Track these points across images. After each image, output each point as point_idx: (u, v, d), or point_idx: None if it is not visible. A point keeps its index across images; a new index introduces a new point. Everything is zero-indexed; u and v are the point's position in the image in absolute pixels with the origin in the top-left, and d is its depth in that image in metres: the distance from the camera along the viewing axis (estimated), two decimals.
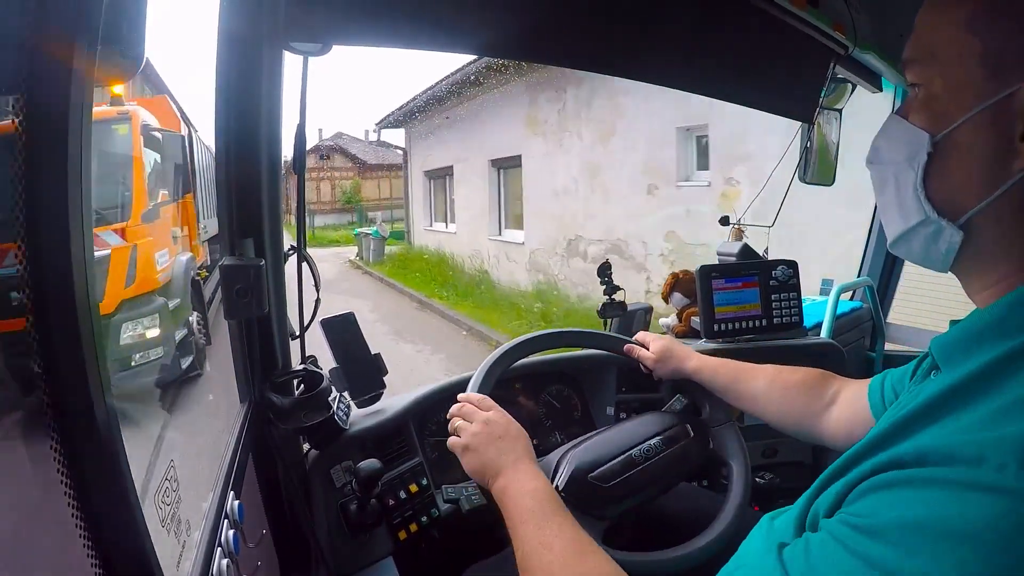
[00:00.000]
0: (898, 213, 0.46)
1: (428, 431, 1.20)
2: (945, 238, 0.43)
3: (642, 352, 1.07)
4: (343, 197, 26.44)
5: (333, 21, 0.88)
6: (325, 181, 26.72)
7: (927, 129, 0.44)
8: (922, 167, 0.44)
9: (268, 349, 0.99)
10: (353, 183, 26.80)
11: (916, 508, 0.33)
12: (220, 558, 0.66)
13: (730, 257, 1.62)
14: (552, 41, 1.08)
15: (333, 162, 26.74)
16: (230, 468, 0.79)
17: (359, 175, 27.18)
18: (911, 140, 0.44)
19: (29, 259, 0.41)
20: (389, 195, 26.12)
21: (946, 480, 0.32)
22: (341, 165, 26.56)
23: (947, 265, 0.45)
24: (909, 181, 0.44)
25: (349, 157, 26.87)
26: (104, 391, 0.46)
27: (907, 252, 0.48)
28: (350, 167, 26.87)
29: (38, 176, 0.41)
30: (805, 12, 1.21)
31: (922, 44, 0.45)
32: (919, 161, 0.44)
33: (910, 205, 0.45)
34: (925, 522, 0.32)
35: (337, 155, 26.63)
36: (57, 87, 0.41)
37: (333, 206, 26.22)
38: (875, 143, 0.50)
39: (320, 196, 26.45)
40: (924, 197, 0.44)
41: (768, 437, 1.47)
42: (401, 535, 1.07)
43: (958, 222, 0.42)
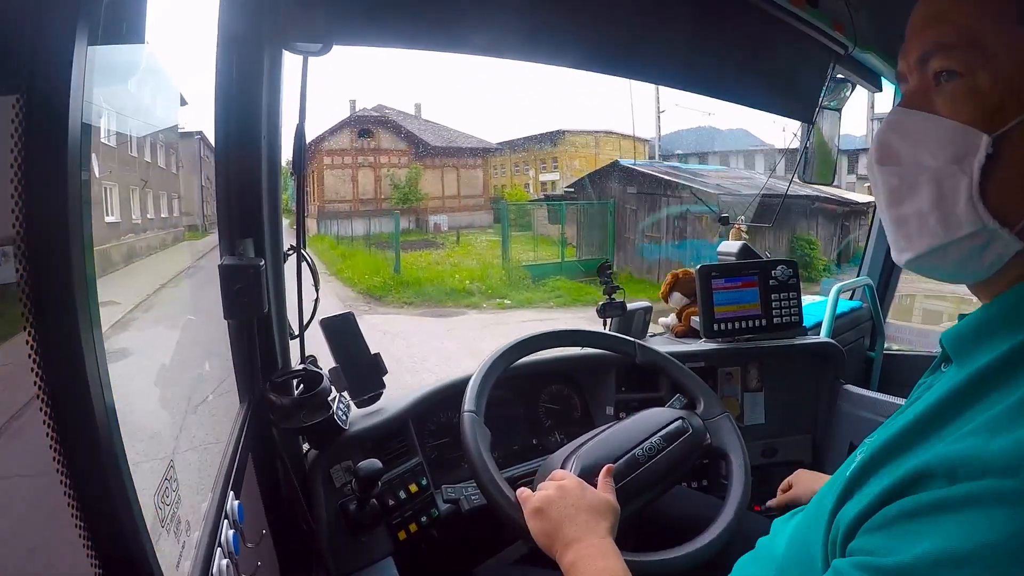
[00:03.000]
0: (937, 223, 0.40)
1: (428, 431, 1.20)
2: (997, 249, 0.39)
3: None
4: (396, 194, 18.53)
5: (333, 21, 0.88)
6: (366, 169, 19.25)
7: (979, 126, 0.38)
8: (980, 170, 0.38)
9: (268, 349, 0.99)
10: (412, 172, 18.87)
11: (952, 537, 0.31)
12: (220, 558, 0.66)
13: (730, 257, 1.62)
14: (552, 41, 1.08)
15: (378, 142, 19.13)
16: (230, 468, 0.79)
17: (416, 162, 19.08)
18: (957, 139, 0.39)
19: (29, 259, 0.41)
20: (456, 192, 18.93)
21: (980, 497, 0.31)
22: (391, 147, 19.14)
23: (983, 276, 0.41)
24: (960, 187, 0.39)
25: (403, 136, 19.28)
26: (104, 391, 0.46)
27: (933, 268, 0.43)
28: (403, 150, 19.22)
29: (38, 176, 0.41)
30: (805, 12, 1.21)
31: (961, 32, 0.40)
32: (976, 162, 0.38)
33: (960, 214, 0.39)
34: (962, 551, 0.31)
35: (384, 132, 19.35)
36: (57, 87, 0.41)
37: (377, 205, 18.66)
38: (885, 140, 0.44)
39: (358, 190, 19.13)
40: (982, 204, 0.38)
41: (768, 437, 1.47)
42: (401, 535, 1.07)
43: (1016, 229, 0.38)
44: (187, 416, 1.08)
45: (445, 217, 17.86)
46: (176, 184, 1.84)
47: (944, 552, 0.31)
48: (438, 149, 18.92)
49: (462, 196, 20.33)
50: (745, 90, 1.41)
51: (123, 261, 1.20)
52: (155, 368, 1.00)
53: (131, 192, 1.40)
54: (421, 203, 18.64)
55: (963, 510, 0.32)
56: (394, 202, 18.63)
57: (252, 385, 0.96)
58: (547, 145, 25.35)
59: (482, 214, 19.98)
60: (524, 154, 24.33)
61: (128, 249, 1.32)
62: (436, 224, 17.77)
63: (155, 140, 1.50)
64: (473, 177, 20.39)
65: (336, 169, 19.14)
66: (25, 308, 0.41)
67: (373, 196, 19.27)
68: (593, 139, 26.80)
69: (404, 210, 17.70)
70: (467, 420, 0.92)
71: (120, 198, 1.21)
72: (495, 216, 19.54)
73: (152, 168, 1.56)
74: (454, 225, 18.24)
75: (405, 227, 17.30)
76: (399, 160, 19.30)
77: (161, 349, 1.12)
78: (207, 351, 1.04)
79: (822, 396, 1.50)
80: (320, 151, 19.02)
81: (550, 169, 26.47)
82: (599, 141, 26.83)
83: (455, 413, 1.15)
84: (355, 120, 19.33)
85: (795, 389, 1.50)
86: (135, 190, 1.42)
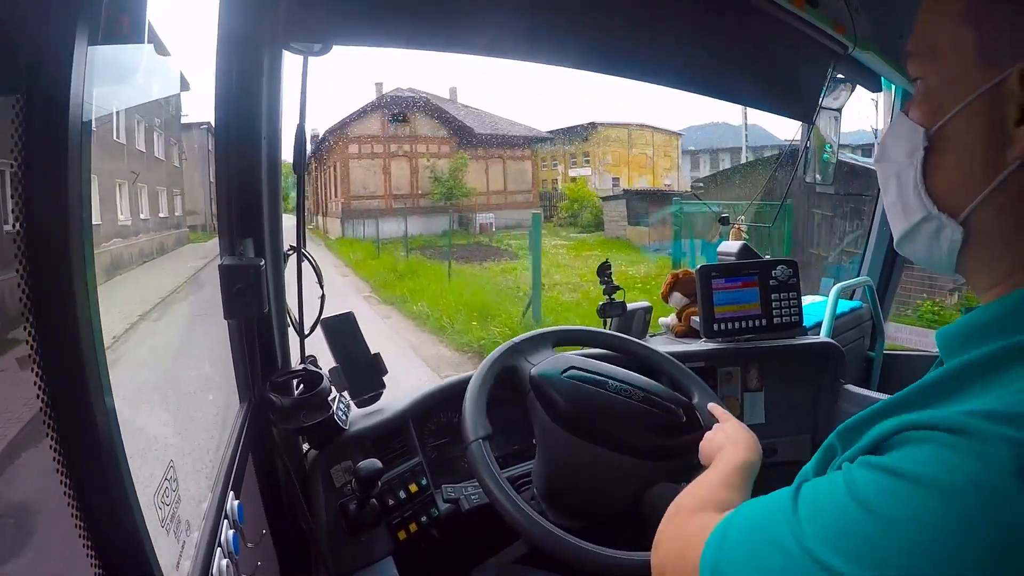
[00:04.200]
0: (901, 212, 0.46)
1: (428, 431, 1.20)
2: (946, 236, 0.43)
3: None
4: (438, 188, 15.69)
5: (333, 21, 0.88)
6: (400, 159, 16.35)
7: (923, 123, 0.43)
8: (920, 162, 0.43)
9: (268, 349, 0.99)
10: (456, 162, 15.78)
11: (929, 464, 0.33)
12: (220, 558, 0.66)
13: (730, 257, 1.62)
14: (552, 41, 1.08)
15: (414, 127, 16.12)
16: (230, 468, 0.79)
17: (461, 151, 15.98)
18: (910, 136, 0.44)
19: (29, 260, 0.41)
20: (503, 187, 15.98)
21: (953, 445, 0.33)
22: (429, 134, 16.14)
23: (951, 265, 0.44)
24: (910, 177, 0.44)
25: (444, 122, 16.11)
26: (104, 391, 0.46)
27: (912, 252, 0.47)
28: (443, 137, 16.14)
29: (38, 176, 0.41)
30: (805, 12, 1.21)
31: (922, 38, 0.45)
32: (917, 156, 0.43)
33: (912, 202, 0.44)
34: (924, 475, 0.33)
35: (421, 117, 16.33)
36: (57, 87, 0.41)
37: (414, 202, 15.89)
38: (882, 142, 0.49)
39: (390, 183, 16.19)
40: (925, 193, 0.43)
41: (767, 437, 1.47)
42: (401, 535, 1.07)
43: (958, 218, 0.42)
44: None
45: (493, 215, 15.03)
46: (179, 179, 1.64)
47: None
48: (483, 138, 15.95)
49: (509, 191, 17.59)
50: (745, 90, 1.41)
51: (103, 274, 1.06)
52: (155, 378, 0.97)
53: (117, 187, 1.20)
54: (467, 199, 15.79)
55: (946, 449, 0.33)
56: (436, 198, 15.88)
57: (252, 385, 0.96)
58: (578, 139, 23.70)
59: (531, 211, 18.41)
60: (552, 148, 22.80)
61: (112, 259, 1.12)
62: (483, 224, 14.88)
63: (151, 126, 1.34)
64: (521, 170, 17.79)
65: (364, 159, 16.79)
66: (25, 308, 0.41)
67: (409, 191, 16.30)
68: (626, 132, 25.32)
69: (446, 207, 15.15)
70: (474, 450, 0.91)
71: (100, 194, 1.04)
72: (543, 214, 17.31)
73: (148, 159, 1.36)
74: (500, 224, 15.51)
75: (446, 228, 14.68)
76: (439, 149, 16.40)
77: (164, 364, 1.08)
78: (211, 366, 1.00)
79: (822, 396, 1.50)
80: (345, 138, 16.52)
81: (580, 164, 24.58)
82: (632, 135, 25.44)
83: (455, 413, 1.15)
84: (386, 102, 16.17)
85: (795, 389, 1.50)
86: (122, 184, 1.22)
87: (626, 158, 25.44)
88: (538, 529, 0.84)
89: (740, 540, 0.40)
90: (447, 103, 16.69)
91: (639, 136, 25.60)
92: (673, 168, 26.91)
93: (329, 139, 17.25)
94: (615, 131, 24.93)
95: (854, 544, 0.33)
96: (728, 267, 1.51)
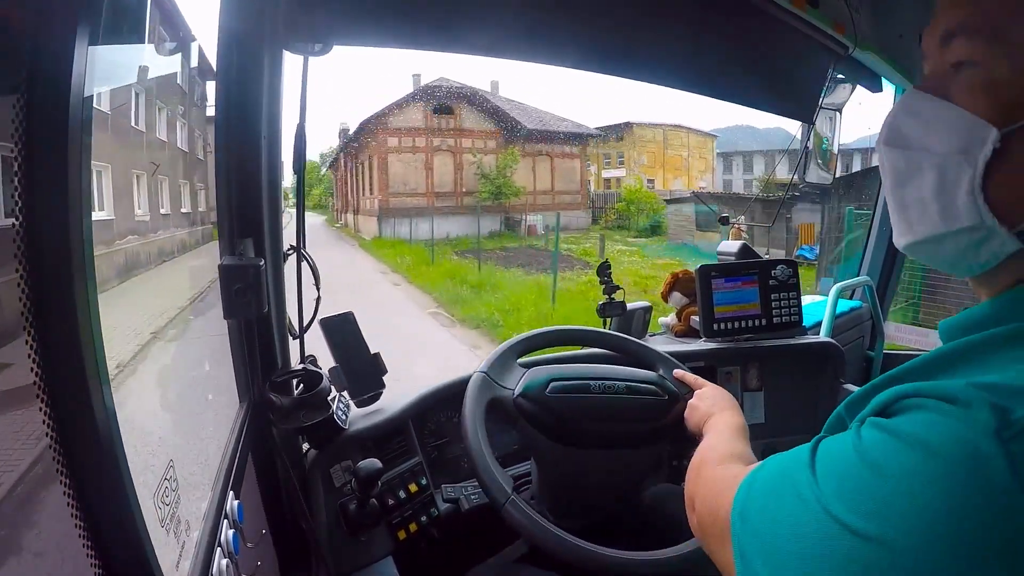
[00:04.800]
0: (937, 212, 0.40)
1: (428, 431, 1.20)
2: (993, 246, 0.39)
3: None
4: (486, 186, 14.31)
5: (333, 21, 0.88)
6: (444, 154, 14.99)
7: (990, 119, 0.38)
8: (985, 163, 0.38)
9: (267, 349, 0.99)
10: (506, 158, 14.39)
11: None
12: (220, 558, 0.66)
13: (729, 256, 1.62)
14: (552, 41, 1.08)
15: (459, 120, 14.70)
16: (230, 468, 0.79)
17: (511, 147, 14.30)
18: (966, 128, 0.38)
19: (29, 259, 0.41)
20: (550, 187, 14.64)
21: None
22: (474, 128, 14.79)
23: (977, 272, 0.42)
24: (963, 178, 0.38)
25: (491, 115, 14.61)
26: (104, 391, 0.46)
27: (931, 256, 0.44)
28: (490, 131, 14.71)
29: (38, 176, 0.41)
30: (805, 12, 1.21)
31: (983, 17, 0.39)
32: (981, 156, 0.38)
33: (960, 206, 0.39)
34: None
35: (467, 109, 14.90)
36: (57, 87, 0.41)
37: (457, 200, 14.55)
38: (895, 122, 0.43)
39: (432, 180, 14.58)
40: (983, 199, 0.38)
41: (767, 436, 1.47)
42: (400, 535, 1.07)
43: (1015, 229, 0.38)
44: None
45: (540, 217, 13.84)
46: (203, 172, 1.45)
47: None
48: (533, 133, 14.60)
49: (556, 191, 16.31)
50: (746, 90, 1.41)
51: (116, 276, 0.92)
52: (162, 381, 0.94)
53: (135, 179, 1.09)
54: (516, 199, 14.41)
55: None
56: (483, 197, 14.38)
57: (252, 385, 0.96)
58: (612, 138, 23.06)
59: (579, 213, 16.12)
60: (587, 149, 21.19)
61: (127, 258, 1.02)
62: (531, 226, 13.66)
63: (174, 114, 1.21)
64: (569, 168, 16.63)
65: (405, 153, 15.61)
66: (25, 308, 0.41)
67: (452, 189, 14.88)
68: (661, 133, 24.69)
69: (493, 207, 13.77)
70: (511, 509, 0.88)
71: (115, 186, 0.95)
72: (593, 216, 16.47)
73: (169, 150, 1.24)
74: (552, 225, 14.16)
75: (492, 229, 13.15)
76: (485, 144, 15.03)
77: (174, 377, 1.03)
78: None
79: (822, 396, 1.50)
80: (384, 130, 15.44)
81: (615, 164, 24.09)
82: (667, 135, 24.82)
83: (455, 413, 1.15)
84: (429, 92, 14.75)
85: (795, 389, 1.50)
86: (140, 176, 1.11)
87: (661, 159, 24.83)
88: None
89: (764, 488, 0.42)
90: (490, 97, 15.56)
91: (674, 137, 25.06)
92: (708, 170, 26.38)
93: (363, 132, 16.31)
94: (650, 131, 24.26)
95: (859, 500, 0.35)
96: (728, 267, 1.51)
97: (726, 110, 31.47)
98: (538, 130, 15.16)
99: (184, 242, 1.40)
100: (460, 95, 14.86)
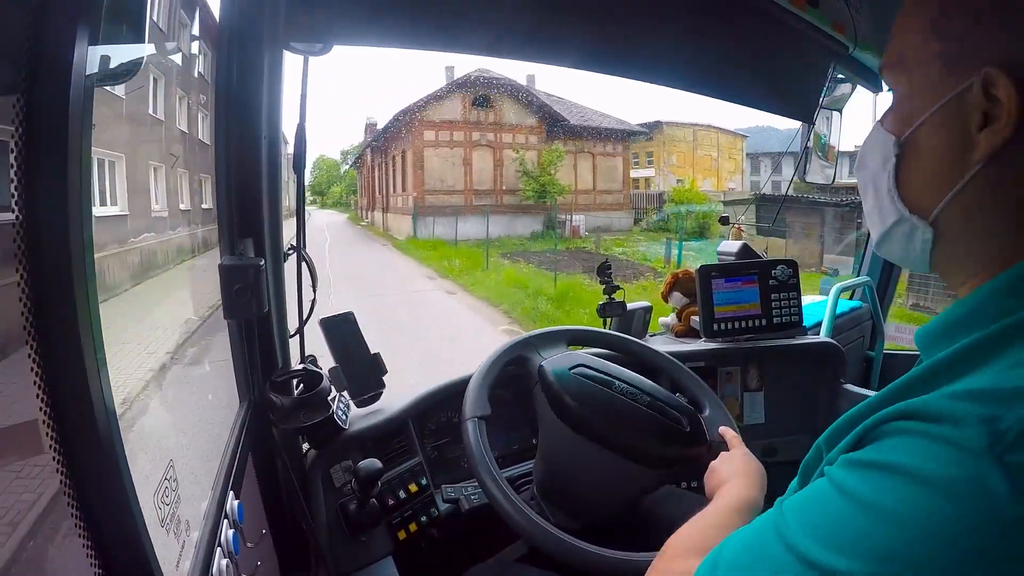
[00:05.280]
0: (878, 216, 0.48)
1: (428, 431, 1.20)
2: (919, 236, 0.45)
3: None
4: (529, 185, 13.61)
5: (333, 21, 0.88)
6: (483, 149, 14.21)
7: (894, 132, 0.46)
8: (893, 168, 0.46)
9: (267, 349, 0.99)
10: (550, 155, 13.85)
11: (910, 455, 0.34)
12: (220, 558, 0.66)
13: (730, 257, 1.63)
14: (552, 41, 1.08)
15: (499, 114, 14.03)
16: (230, 468, 0.79)
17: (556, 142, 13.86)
18: (883, 144, 0.47)
19: (29, 259, 0.41)
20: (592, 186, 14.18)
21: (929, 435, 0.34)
22: (515, 122, 13.98)
23: (925, 263, 0.47)
24: (883, 184, 0.47)
25: (534, 108, 13.87)
26: (104, 391, 0.46)
27: (889, 253, 0.50)
28: (532, 126, 13.86)
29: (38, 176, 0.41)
30: (805, 12, 1.21)
31: (893, 50, 0.48)
32: (890, 164, 0.46)
33: (887, 207, 0.47)
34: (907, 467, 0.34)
35: (508, 102, 14.03)
36: (57, 87, 0.41)
37: (497, 198, 13.76)
38: (860, 151, 0.51)
39: (471, 176, 13.93)
40: (897, 197, 0.46)
41: (768, 437, 1.47)
42: (400, 535, 1.07)
43: (928, 219, 0.45)
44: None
45: (583, 217, 13.04)
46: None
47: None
48: (577, 129, 13.82)
49: (598, 190, 15.52)
50: (745, 90, 1.41)
51: (130, 278, 0.84)
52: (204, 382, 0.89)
53: (152, 171, 1.01)
54: (560, 198, 13.63)
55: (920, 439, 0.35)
56: (528, 195, 13.82)
57: (252, 385, 0.96)
58: (641, 138, 21.67)
59: (621, 214, 15.33)
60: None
61: (142, 258, 0.93)
62: (574, 227, 12.95)
63: (195, 104, 1.11)
64: (611, 167, 15.88)
65: (442, 147, 14.95)
66: (25, 308, 0.41)
67: (491, 186, 14.05)
68: (691, 132, 23.94)
69: (533, 207, 12.95)
70: (470, 428, 0.92)
71: (129, 179, 0.87)
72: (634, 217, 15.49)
73: (190, 142, 1.13)
74: (590, 227, 13.60)
75: (533, 229, 12.21)
76: (526, 139, 14.21)
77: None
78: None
79: (822, 396, 1.50)
80: (420, 122, 14.94)
81: (644, 164, 23.13)
82: (697, 135, 24.07)
83: (455, 413, 1.15)
84: (469, 84, 14.31)
85: (795, 389, 1.50)
86: (159, 169, 1.02)
87: (691, 159, 24.15)
88: (520, 516, 0.84)
89: (729, 567, 0.40)
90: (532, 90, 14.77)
91: (704, 137, 24.39)
92: (737, 171, 25.69)
93: (396, 126, 15.43)
94: (680, 131, 23.49)
95: (848, 538, 0.33)
96: (728, 267, 1.51)
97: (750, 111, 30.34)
98: (582, 126, 14.61)
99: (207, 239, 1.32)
100: (501, 87, 14.26)
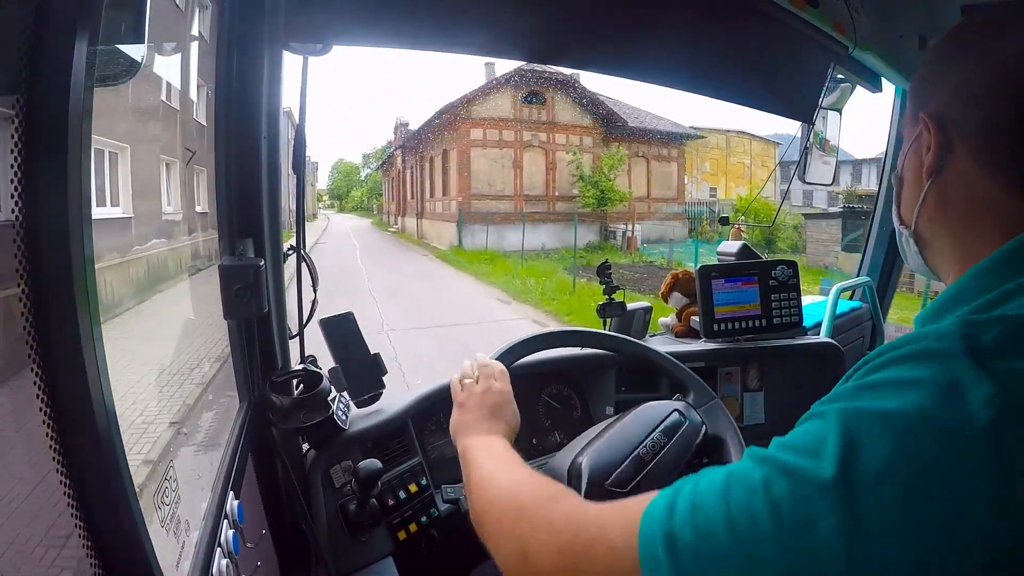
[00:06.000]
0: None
1: (428, 431, 1.20)
2: (910, 244, 0.58)
3: None
4: (587, 191, 12.41)
5: (333, 21, 0.88)
6: (535, 150, 13.09)
7: (898, 167, 0.59)
8: (896, 195, 0.60)
9: (267, 349, 0.99)
10: (611, 158, 12.71)
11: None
12: (220, 558, 0.66)
13: (729, 257, 1.63)
14: (552, 41, 1.08)
15: (552, 112, 12.93)
16: (229, 468, 0.79)
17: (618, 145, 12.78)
18: (895, 177, 0.61)
19: (28, 259, 0.41)
20: (646, 192, 13.15)
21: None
22: (571, 122, 12.85)
23: (922, 266, 0.58)
24: (891, 206, 0.61)
25: (589, 108, 12.65)
26: (104, 391, 0.46)
27: (904, 259, 0.61)
28: (587, 127, 12.84)
29: (37, 176, 0.41)
30: (805, 12, 1.21)
31: (911, 106, 0.58)
32: (894, 191, 0.60)
33: (894, 222, 0.61)
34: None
35: (563, 100, 12.86)
36: (57, 87, 0.41)
37: (550, 205, 12.68)
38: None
39: (521, 180, 12.75)
40: (896, 214, 0.60)
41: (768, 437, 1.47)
42: (400, 535, 1.07)
43: (910, 229, 0.57)
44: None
45: (640, 227, 11.97)
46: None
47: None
48: (634, 131, 12.73)
49: (653, 198, 14.37)
50: (745, 90, 1.41)
51: (134, 293, 0.71)
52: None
53: (163, 167, 0.90)
54: (619, 206, 12.52)
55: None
56: (587, 202, 12.64)
57: (252, 385, 0.96)
58: (695, 140, 19.64)
59: (676, 224, 13.96)
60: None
61: (148, 268, 0.80)
62: (630, 237, 11.82)
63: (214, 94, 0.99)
64: (666, 172, 14.82)
65: (490, 148, 13.70)
66: (25, 308, 0.41)
67: (543, 192, 12.68)
68: (724, 139, 23.16)
69: (588, 215, 11.82)
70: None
71: (134, 176, 0.76)
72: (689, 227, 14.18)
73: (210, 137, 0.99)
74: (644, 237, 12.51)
75: (588, 240, 11.06)
76: (580, 141, 13.02)
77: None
78: None
79: (822, 396, 1.49)
80: (465, 120, 13.72)
81: None
82: (730, 141, 23.37)
83: None
84: (519, 78, 12.92)
85: (795, 389, 1.50)
86: (171, 165, 0.92)
87: (724, 166, 23.59)
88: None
89: (701, 501, 0.43)
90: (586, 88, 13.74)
91: (737, 143, 23.79)
92: (770, 179, 25.19)
93: (435, 125, 14.36)
94: (713, 137, 22.31)
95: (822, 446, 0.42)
96: (728, 267, 1.51)
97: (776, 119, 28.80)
98: (640, 128, 13.68)
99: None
100: (554, 83, 13.02)
